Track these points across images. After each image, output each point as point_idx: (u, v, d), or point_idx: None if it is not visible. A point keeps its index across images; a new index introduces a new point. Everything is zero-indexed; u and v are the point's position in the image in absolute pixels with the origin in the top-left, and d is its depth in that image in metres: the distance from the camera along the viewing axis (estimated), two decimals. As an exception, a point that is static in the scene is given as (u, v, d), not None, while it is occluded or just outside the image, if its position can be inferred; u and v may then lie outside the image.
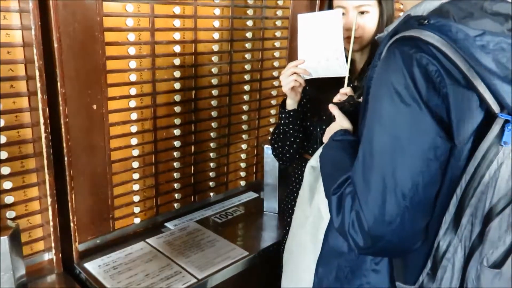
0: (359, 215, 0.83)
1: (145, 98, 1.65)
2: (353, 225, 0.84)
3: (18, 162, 1.40)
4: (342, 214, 0.87)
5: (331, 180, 0.95)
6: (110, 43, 1.51)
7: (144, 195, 1.75)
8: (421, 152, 0.78)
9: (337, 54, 1.33)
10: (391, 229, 0.80)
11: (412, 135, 0.78)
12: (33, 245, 1.49)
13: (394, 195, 0.79)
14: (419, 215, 0.81)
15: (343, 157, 1.01)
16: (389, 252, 0.87)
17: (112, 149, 1.60)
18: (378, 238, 0.81)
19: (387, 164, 0.80)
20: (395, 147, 0.80)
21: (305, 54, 1.38)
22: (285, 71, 1.40)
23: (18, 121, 1.38)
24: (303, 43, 1.38)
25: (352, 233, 0.85)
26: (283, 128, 1.50)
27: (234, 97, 1.98)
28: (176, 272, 1.52)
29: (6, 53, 1.32)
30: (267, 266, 1.73)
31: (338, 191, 0.90)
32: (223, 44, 1.86)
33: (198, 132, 1.88)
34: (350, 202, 0.86)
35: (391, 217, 0.80)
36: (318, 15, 1.36)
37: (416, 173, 0.78)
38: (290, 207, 1.63)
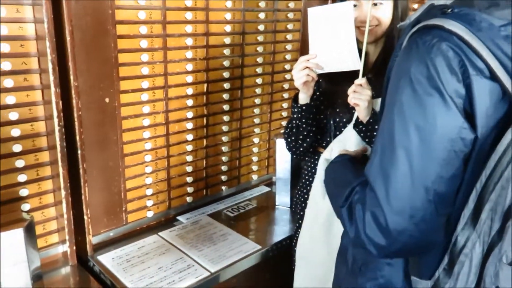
0: (375, 214, 0.81)
1: (157, 91, 1.65)
2: (370, 225, 0.82)
3: (32, 155, 1.41)
4: (355, 222, 0.85)
5: (338, 198, 0.93)
6: (122, 36, 1.51)
7: (157, 188, 1.75)
8: (446, 144, 0.76)
9: (349, 47, 1.30)
10: (414, 222, 0.78)
11: (435, 126, 0.76)
12: (47, 237, 1.51)
13: (417, 188, 0.77)
14: (441, 209, 0.79)
15: (344, 174, 1.01)
16: (411, 248, 0.83)
17: (124, 142, 1.60)
18: (400, 232, 0.79)
19: (410, 156, 0.78)
20: (418, 139, 0.77)
21: (317, 48, 1.35)
22: (297, 65, 1.38)
23: (32, 115, 1.39)
24: (315, 37, 1.35)
25: (370, 234, 0.82)
26: (296, 122, 1.48)
27: (246, 91, 1.97)
28: (189, 266, 1.52)
29: (19, 46, 1.32)
30: (279, 260, 1.73)
31: (346, 203, 0.89)
32: (235, 37, 1.84)
33: (210, 126, 1.87)
34: (361, 206, 0.84)
35: (413, 210, 0.78)
36: (329, 8, 1.33)
37: (440, 166, 0.76)
38: (302, 201, 1.61)
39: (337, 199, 0.92)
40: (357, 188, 0.87)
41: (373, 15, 1.34)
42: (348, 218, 0.87)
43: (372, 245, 0.82)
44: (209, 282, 1.49)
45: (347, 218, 0.87)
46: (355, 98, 1.28)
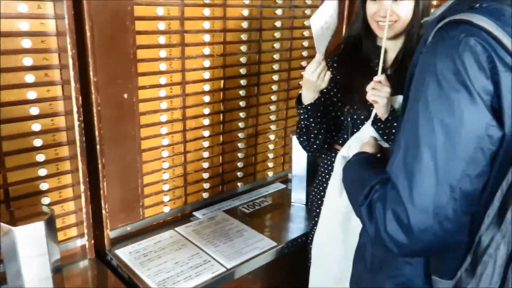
0: (396, 211, 0.80)
1: (175, 87, 1.65)
2: (391, 224, 0.81)
3: (52, 149, 1.43)
4: (375, 220, 0.84)
5: (356, 196, 0.92)
6: (140, 32, 1.51)
7: (174, 184, 1.76)
8: (472, 141, 0.75)
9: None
10: (438, 221, 0.77)
11: (462, 123, 0.75)
12: (66, 231, 1.53)
13: (441, 185, 0.76)
14: (466, 208, 0.77)
15: (362, 172, 1.00)
16: (434, 247, 0.82)
17: (142, 138, 1.61)
18: (423, 231, 0.78)
19: (435, 153, 0.77)
20: (444, 136, 0.76)
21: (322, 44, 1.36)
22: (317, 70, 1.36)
23: (52, 110, 1.41)
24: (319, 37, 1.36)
25: (391, 232, 0.81)
26: (304, 123, 1.47)
27: (263, 87, 1.97)
28: (205, 261, 1.53)
29: (41, 42, 1.34)
30: (295, 257, 1.72)
31: (365, 202, 0.88)
32: (252, 33, 1.84)
33: (227, 122, 1.87)
34: (381, 205, 0.83)
35: (438, 208, 0.76)
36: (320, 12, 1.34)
37: (466, 163, 0.75)
38: (319, 198, 1.61)
39: (356, 197, 0.92)
40: (376, 186, 0.86)
41: (393, 10, 1.32)
42: (367, 217, 0.86)
43: (393, 243, 0.81)
44: (225, 278, 1.50)
45: (366, 216, 0.86)
46: (374, 95, 1.27)
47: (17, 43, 1.29)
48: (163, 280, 1.42)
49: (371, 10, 1.35)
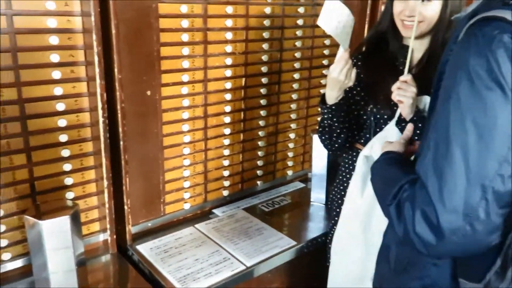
0: (425, 211, 0.79)
1: (197, 85, 1.66)
2: (420, 223, 0.80)
3: (77, 145, 1.45)
4: (403, 220, 0.83)
5: (385, 196, 0.91)
6: (164, 29, 1.52)
7: (194, 181, 1.77)
8: (505, 141, 0.73)
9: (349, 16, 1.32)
10: (468, 222, 0.75)
11: (495, 122, 0.73)
12: (89, 225, 1.55)
13: (473, 185, 0.75)
14: (497, 209, 0.76)
15: (391, 171, 0.98)
16: (463, 249, 0.80)
17: (164, 134, 1.62)
18: (453, 232, 0.76)
19: (466, 152, 0.75)
20: (476, 135, 0.75)
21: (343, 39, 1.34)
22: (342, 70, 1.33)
23: (78, 106, 1.43)
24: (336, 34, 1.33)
25: (419, 233, 0.80)
26: (327, 122, 1.46)
27: (284, 86, 1.96)
28: (225, 258, 1.54)
29: (67, 39, 1.36)
30: (314, 256, 1.72)
31: (393, 201, 0.87)
32: (274, 31, 1.84)
33: (247, 120, 1.87)
34: (410, 205, 0.82)
35: (468, 209, 0.75)
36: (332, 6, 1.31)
37: (498, 163, 0.74)
38: (339, 198, 1.60)
39: (384, 197, 0.91)
40: (405, 185, 0.85)
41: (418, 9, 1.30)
42: (396, 217, 0.85)
43: (422, 244, 0.80)
44: (245, 276, 1.50)
45: (395, 216, 0.85)
46: (399, 95, 1.25)
47: (45, 39, 1.31)
48: (184, 277, 1.43)
49: (397, 9, 1.34)
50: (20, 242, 1.41)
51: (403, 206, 0.83)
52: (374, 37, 1.47)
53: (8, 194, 1.35)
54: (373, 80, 1.44)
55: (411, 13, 1.29)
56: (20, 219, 1.38)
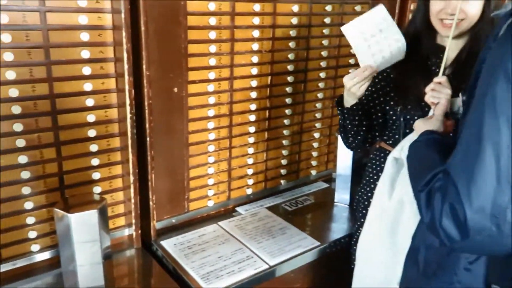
0: (454, 207, 0.78)
1: (223, 82, 1.66)
2: (447, 217, 0.79)
3: (104, 140, 1.47)
4: (431, 209, 0.83)
5: (418, 178, 0.91)
6: (192, 27, 1.53)
7: (218, 178, 1.77)
8: None
9: (398, 44, 1.29)
10: (496, 222, 0.73)
11: None
12: (115, 220, 1.57)
13: (502, 186, 0.73)
14: None
15: (430, 155, 0.97)
16: (488, 249, 0.79)
17: (189, 132, 1.63)
18: (478, 231, 0.75)
19: (498, 152, 0.73)
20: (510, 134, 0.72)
21: (368, 55, 1.32)
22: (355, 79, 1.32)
23: (106, 102, 1.45)
24: (360, 48, 1.32)
25: (445, 226, 0.80)
26: (343, 123, 1.46)
27: (309, 84, 1.95)
28: (248, 257, 1.53)
29: (98, 36, 1.38)
30: (337, 258, 1.70)
31: (425, 188, 0.86)
32: (301, 29, 1.82)
33: (272, 119, 1.86)
34: (440, 196, 0.81)
35: (496, 210, 0.73)
36: (362, 19, 1.30)
37: None
38: (365, 199, 1.57)
39: (417, 180, 0.90)
40: (440, 175, 0.83)
41: (461, 8, 1.26)
42: (425, 204, 0.84)
43: (447, 237, 0.79)
44: (268, 275, 1.49)
45: (424, 203, 0.84)
46: (433, 97, 1.22)
47: (76, 36, 1.33)
48: (207, 273, 1.44)
49: (436, 7, 1.29)
50: (48, 234, 1.44)
51: (433, 196, 0.82)
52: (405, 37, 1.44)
53: (38, 187, 1.38)
54: (404, 80, 1.40)
55: (453, 11, 1.25)
56: (48, 212, 1.41)
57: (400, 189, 1.33)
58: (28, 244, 1.40)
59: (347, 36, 1.31)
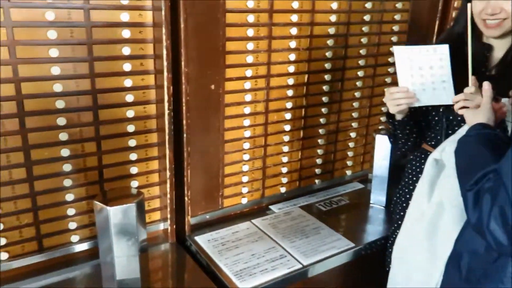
0: (503, 210, 0.75)
1: (260, 80, 1.66)
2: (495, 220, 0.77)
3: (142, 136, 1.50)
4: (479, 211, 0.80)
5: (467, 176, 0.87)
6: (230, 24, 1.53)
7: (252, 176, 1.77)
8: None
9: (444, 85, 1.25)
10: None
11: None
12: (151, 214, 1.60)
13: None
14: None
15: (481, 152, 0.92)
16: None
17: (225, 129, 1.64)
18: None
19: None
20: None
21: (408, 82, 1.30)
22: (389, 96, 1.33)
23: (145, 98, 1.47)
24: (404, 71, 1.29)
25: (492, 229, 0.77)
26: (392, 132, 1.45)
27: (347, 83, 1.91)
28: (281, 256, 1.53)
29: (138, 33, 1.41)
30: (372, 260, 1.66)
31: (474, 187, 0.83)
32: (339, 27, 1.79)
33: (308, 117, 1.85)
34: (490, 198, 0.79)
35: None
36: (418, 48, 1.26)
37: None
38: (403, 201, 1.53)
39: (465, 177, 0.87)
40: (490, 175, 0.80)
41: (501, 7, 1.21)
42: (472, 204, 0.81)
43: (493, 240, 0.77)
44: (301, 274, 1.48)
45: (471, 203, 0.81)
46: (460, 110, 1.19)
47: (118, 33, 1.36)
48: (240, 271, 1.44)
49: (478, 8, 1.25)
50: (87, 226, 1.48)
51: (482, 196, 0.79)
52: (448, 39, 1.40)
53: (78, 180, 1.42)
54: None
55: (493, 11, 1.21)
56: (88, 204, 1.45)
57: (440, 192, 1.28)
58: (68, 235, 1.45)
59: (395, 56, 1.29)
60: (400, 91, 1.30)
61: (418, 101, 1.31)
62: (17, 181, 1.32)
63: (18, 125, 1.28)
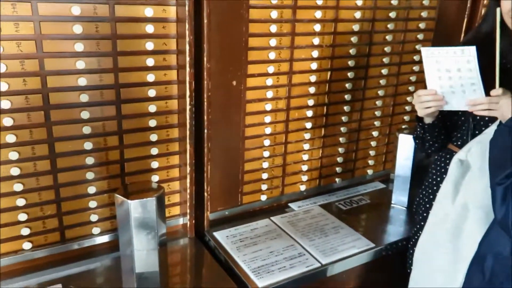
0: None
1: (281, 77, 1.65)
2: None
3: (164, 130, 1.51)
4: (506, 206, 0.78)
5: (498, 169, 0.84)
6: (253, 20, 1.52)
7: (272, 173, 1.76)
8: None
9: (474, 88, 1.21)
10: None
11: None
12: (170, 209, 1.61)
13: None
14: None
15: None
16: None
17: (246, 125, 1.63)
18: None
19: None
20: None
21: (436, 84, 1.26)
22: (418, 99, 1.30)
23: (167, 93, 1.48)
24: (433, 74, 1.25)
25: None
26: (421, 135, 1.42)
27: (370, 81, 1.88)
28: (300, 254, 1.52)
29: (162, 28, 1.41)
30: (392, 261, 1.64)
31: (504, 181, 0.81)
32: (364, 24, 1.76)
33: (330, 115, 1.82)
34: None
35: None
36: (445, 50, 1.22)
37: None
38: (427, 201, 1.50)
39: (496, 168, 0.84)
40: None
41: None
42: (501, 198, 0.79)
43: None
44: (319, 273, 1.47)
45: (500, 197, 0.79)
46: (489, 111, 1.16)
47: (142, 28, 1.37)
48: (258, 268, 1.44)
49: (507, 7, 1.22)
50: (108, 219, 1.50)
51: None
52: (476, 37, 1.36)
53: (100, 173, 1.44)
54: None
55: None
56: (109, 197, 1.47)
57: (465, 193, 1.25)
58: (90, 227, 1.47)
59: (422, 57, 1.26)
60: (428, 94, 1.27)
61: (447, 104, 1.27)
62: (42, 172, 1.34)
63: (44, 118, 1.31)
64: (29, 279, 1.34)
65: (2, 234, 1.33)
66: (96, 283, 1.37)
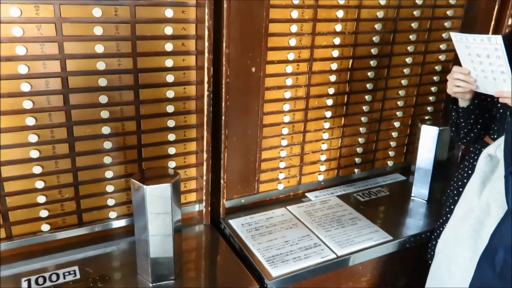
0: None
1: (302, 64, 1.61)
2: None
3: (181, 116, 1.50)
4: None
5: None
6: (274, 5, 1.49)
7: (290, 162, 1.74)
8: None
9: (504, 77, 1.17)
10: None
11: None
12: (187, 195, 1.61)
13: None
14: None
15: None
16: None
17: (265, 113, 1.61)
18: None
19: None
20: None
21: (470, 67, 1.24)
22: (451, 75, 1.28)
23: (185, 78, 1.46)
24: (465, 58, 1.24)
25: None
26: (456, 121, 1.39)
27: (393, 70, 1.83)
28: (315, 244, 1.50)
29: (181, 12, 1.39)
30: (410, 255, 1.60)
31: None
32: (389, 10, 1.70)
33: (351, 104, 1.78)
34: None
35: None
36: (473, 37, 1.18)
37: None
38: (456, 194, 1.47)
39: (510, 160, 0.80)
40: None
41: None
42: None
43: None
44: (334, 264, 1.45)
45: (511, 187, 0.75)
46: None
47: (161, 12, 1.35)
48: (273, 257, 1.43)
49: None
50: (125, 203, 1.51)
51: None
52: None
53: (118, 158, 1.44)
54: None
55: None
56: (126, 182, 1.48)
57: (490, 190, 1.21)
58: (107, 211, 1.48)
59: (453, 41, 1.24)
60: (462, 72, 1.24)
61: (478, 88, 1.25)
62: (60, 156, 1.35)
63: (63, 102, 1.31)
64: (46, 260, 1.37)
65: (22, 215, 1.35)
66: (112, 266, 1.38)
